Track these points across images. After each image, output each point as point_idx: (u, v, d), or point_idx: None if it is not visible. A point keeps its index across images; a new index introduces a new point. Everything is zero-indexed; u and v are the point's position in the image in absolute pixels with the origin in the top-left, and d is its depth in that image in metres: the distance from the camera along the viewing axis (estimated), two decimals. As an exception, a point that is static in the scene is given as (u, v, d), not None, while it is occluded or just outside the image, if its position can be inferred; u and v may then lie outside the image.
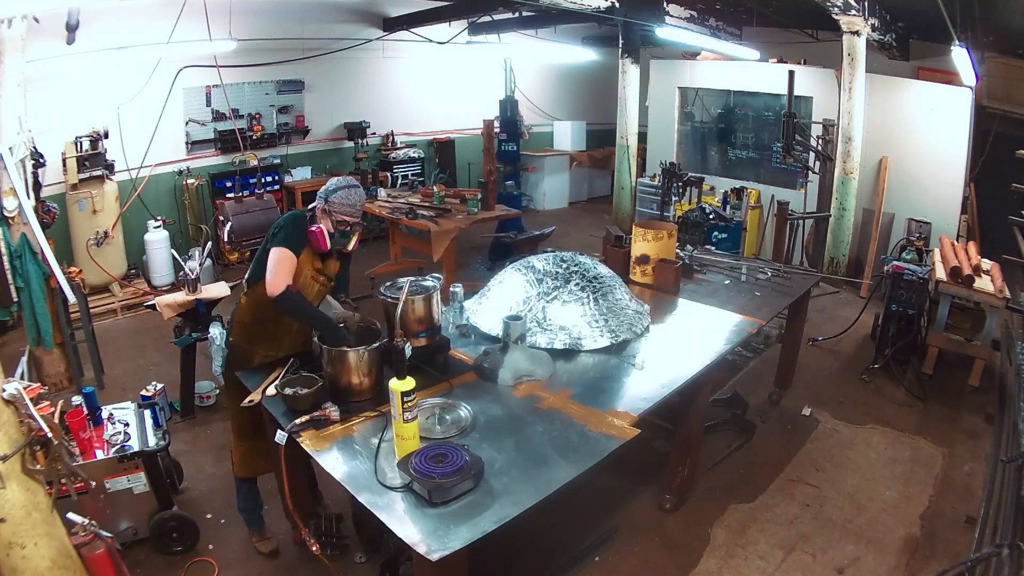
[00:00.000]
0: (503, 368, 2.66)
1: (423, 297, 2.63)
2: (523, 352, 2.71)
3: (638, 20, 6.53)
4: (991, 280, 4.61)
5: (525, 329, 2.75)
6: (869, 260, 6.59)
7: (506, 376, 2.65)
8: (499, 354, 2.71)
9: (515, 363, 2.67)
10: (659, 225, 3.96)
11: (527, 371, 2.68)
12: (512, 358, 2.68)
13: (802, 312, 4.29)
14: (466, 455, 2.06)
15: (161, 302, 4.01)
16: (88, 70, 5.82)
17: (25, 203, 4.03)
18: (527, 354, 2.73)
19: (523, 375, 2.67)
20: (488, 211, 6.13)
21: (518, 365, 2.67)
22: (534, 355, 2.77)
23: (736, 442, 3.84)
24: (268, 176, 7.37)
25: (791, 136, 5.98)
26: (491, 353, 2.76)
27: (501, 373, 2.66)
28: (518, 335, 2.69)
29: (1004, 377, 4.28)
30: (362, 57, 7.93)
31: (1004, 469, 3.15)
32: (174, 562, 2.91)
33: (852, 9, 5.61)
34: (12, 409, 2.10)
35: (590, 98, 10.74)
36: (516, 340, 2.68)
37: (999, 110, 6.87)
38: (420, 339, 2.64)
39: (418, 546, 1.76)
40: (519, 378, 2.66)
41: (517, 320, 2.73)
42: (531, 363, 2.70)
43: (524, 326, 2.75)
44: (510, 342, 2.69)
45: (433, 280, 2.77)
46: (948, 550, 3.00)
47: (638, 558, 2.98)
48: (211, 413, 4.18)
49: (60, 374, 4.44)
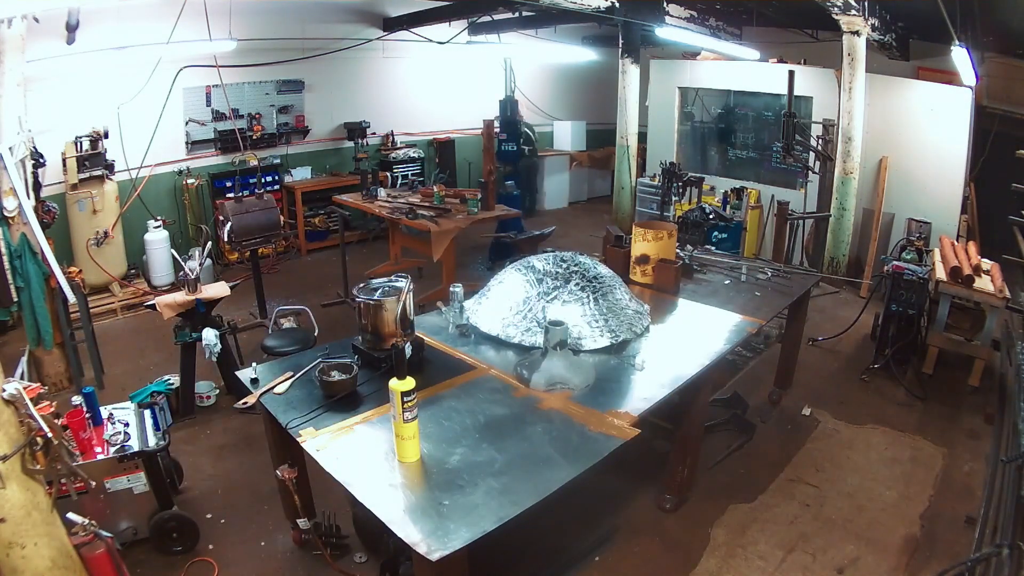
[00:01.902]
0: (537, 373, 2.62)
1: (395, 298, 2.68)
2: (563, 359, 2.64)
3: (638, 20, 6.52)
4: (991, 280, 4.61)
5: (567, 335, 2.68)
6: (869, 260, 6.59)
7: (539, 382, 2.60)
8: (539, 359, 2.67)
9: (551, 369, 2.62)
10: (659, 225, 3.96)
11: (561, 379, 2.60)
12: (549, 364, 2.63)
13: (802, 312, 4.29)
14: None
15: (161, 302, 4.00)
16: (88, 70, 5.82)
17: (25, 203, 4.03)
18: (566, 361, 2.66)
19: (557, 383, 2.60)
20: (488, 211, 6.13)
21: (553, 372, 2.61)
22: (574, 363, 2.69)
23: (736, 442, 3.84)
24: (268, 176, 7.37)
25: (791, 136, 5.98)
26: (532, 356, 2.72)
27: (534, 378, 2.62)
28: (557, 341, 2.62)
29: (1004, 377, 4.28)
30: (362, 57, 7.93)
31: (1004, 469, 3.15)
32: (174, 562, 2.90)
33: (852, 9, 5.61)
34: (12, 409, 2.10)
35: (590, 98, 10.74)
36: (556, 346, 2.62)
37: (999, 110, 6.87)
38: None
39: (418, 546, 1.76)
40: (552, 386, 2.60)
41: (558, 325, 2.65)
42: (568, 371, 2.63)
43: (566, 332, 2.67)
44: (549, 347, 2.64)
45: (403, 281, 2.82)
46: (948, 550, 2.99)
47: (638, 558, 2.98)
48: (211, 413, 4.18)
49: (60, 374, 4.44)
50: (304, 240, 7.74)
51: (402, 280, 2.83)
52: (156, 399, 3.30)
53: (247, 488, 3.43)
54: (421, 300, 5.17)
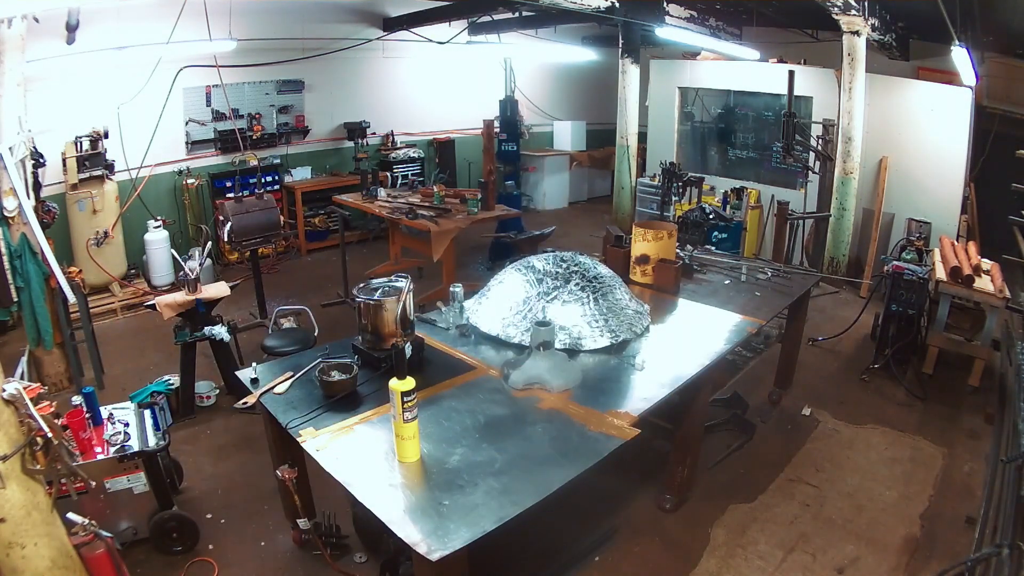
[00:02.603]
0: (517, 371, 2.64)
1: (395, 298, 2.69)
2: (546, 359, 2.65)
3: (638, 20, 6.52)
4: (991, 280, 4.61)
5: (552, 336, 2.70)
6: (869, 260, 6.59)
7: (516, 380, 2.63)
8: (524, 358, 2.69)
9: (530, 369, 2.64)
10: (659, 225, 3.96)
11: (539, 379, 2.63)
12: (530, 364, 2.65)
13: (802, 312, 4.29)
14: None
15: (161, 302, 4.01)
16: (88, 70, 5.82)
17: (25, 203, 4.03)
18: (549, 362, 2.66)
19: (534, 382, 2.62)
20: (488, 211, 6.13)
21: (531, 372, 2.64)
22: (557, 365, 2.69)
23: (736, 442, 3.83)
24: (268, 176, 7.37)
25: (791, 136, 5.98)
26: (519, 356, 2.75)
27: (512, 376, 2.64)
28: (540, 341, 2.64)
29: (1004, 377, 4.28)
30: (362, 57, 7.92)
31: (1004, 469, 3.15)
32: (174, 562, 2.90)
33: (852, 9, 5.61)
34: (12, 409, 2.10)
35: (590, 98, 10.74)
36: (539, 346, 2.65)
37: (999, 110, 6.87)
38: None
39: (418, 546, 1.76)
40: (530, 384, 2.62)
41: (544, 326, 2.68)
42: (549, 372, 2.64)
43: (552, 332, 2.69)
44: (533, 347, 2.66)
45: (403, 281, 2.83)
46: (948, 550, 2.99)
47: (638, 558, 2.98)
48: (211, 413, 4.18)
49: (60, 374, 4.44)
50: (304, 240, 7.74)
51: (402, 280, 2.83)
52: (156, 399, 3.30)
53: (247, 488, 3.43)
54: (421, 300, 5.17)
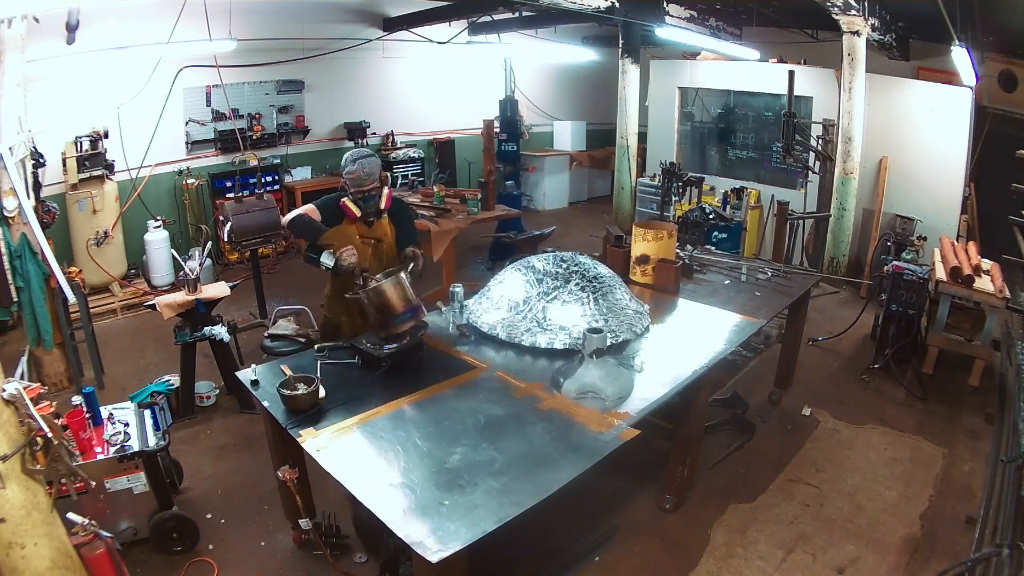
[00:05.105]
0: (570, 380, 2.59)
1: (392, 281, 2.82)
2: (599, 367, 2.58)
3: (638, 20, 6.52)
4: (991, 280, 4.61)
5: (604, 343, 2.62)
6: (869, 260, 6.59)
7: (570, 389, 2.57)
8: (576, 365, 2.63)
9: (583, 377, 2.58)
10: (659, 225, 3.96)
11: (593, 388, 2.54)
12: (584, 372, 2.59)
13: (802, 312, 4.29)
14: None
15: (161, 302, 4.00)
16: (88, 70, 5.82)
17: (25, 203, 4.03)
18: (603, 370, 2.59)
19: (588, 392, 2.55)
20: (488, 211, 6.12)
21: (585, 380, 2.57)
22: (610, 372, 2.62)
23: (736, 442, 3.83)
24: (268, 176, 7.36)
25: (791, 136, 5.98)
26: (570, 363, 2.70)
27: (566, 385, 2.59)
28: (593, 348, 2.57)
29: (1004, 377, 4.28)
30: (362, 57, 7.93)
31: (1004, 469, 3.15)
32: (174, 562, 2.90)
33: (852, 9, 5.61)
34: (12, 409, 2.10)
35: (590, 98, 10.74)
36: (592, 354, 2.58)
37: (999, 110, 6.87)
38: (405, 323, 2.78)
39: (418, 546, 1.76)
40: (583, 394, 2.54)
41: (596, 333, 2.61)
42: (603, 380, 2.56)
43: (604, 340, 2.62)
44: (585, 355, 2.60)
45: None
46: (948, 550, 2.99)
47: (638, 558, 2.98)
48: (211, 413, 4.18)
49: (60, 374, 4.44)
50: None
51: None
52: (156, 399, 3.30)
53: (247, 488, 3.43)
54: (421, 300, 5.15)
